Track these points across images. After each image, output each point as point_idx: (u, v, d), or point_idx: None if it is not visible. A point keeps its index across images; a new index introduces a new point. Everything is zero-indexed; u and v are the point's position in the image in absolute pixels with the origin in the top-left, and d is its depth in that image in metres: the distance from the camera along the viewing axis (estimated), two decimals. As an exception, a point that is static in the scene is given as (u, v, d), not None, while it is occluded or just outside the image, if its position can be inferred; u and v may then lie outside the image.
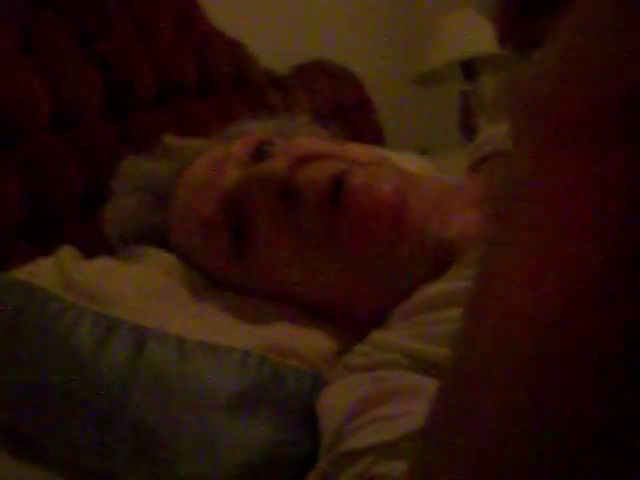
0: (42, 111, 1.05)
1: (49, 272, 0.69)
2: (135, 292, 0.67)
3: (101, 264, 0.72)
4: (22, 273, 0.69)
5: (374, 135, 1.77)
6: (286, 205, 0.63)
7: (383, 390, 0.53)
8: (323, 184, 0.62)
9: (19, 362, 0.63)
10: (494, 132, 0.70)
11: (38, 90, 1.04)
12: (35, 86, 1.04)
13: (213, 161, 0.70)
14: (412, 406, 0.49)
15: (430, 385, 0.51)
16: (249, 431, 0.58)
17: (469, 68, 2.13)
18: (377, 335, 0.62)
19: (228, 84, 1.45)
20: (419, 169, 0.86)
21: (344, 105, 1.73)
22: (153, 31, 1.32)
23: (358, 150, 0.70)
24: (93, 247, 0.81)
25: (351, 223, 0.62)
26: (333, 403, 0.56)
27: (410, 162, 0.94)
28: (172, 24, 1.38)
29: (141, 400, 0.59)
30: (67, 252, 0.73)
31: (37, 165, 1.02)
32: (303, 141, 0.71)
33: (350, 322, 0.67)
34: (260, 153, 0.68)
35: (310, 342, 0.64)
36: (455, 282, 0.59)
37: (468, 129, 2.08)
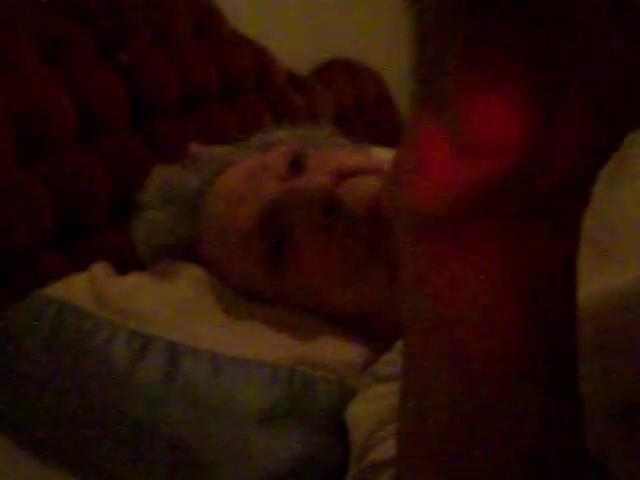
0: (69, 123, 1.07)
1: (83, 289, 0.70)
2: (167, 307, 0.69)
3: (133, 280, 0.74)
4: (56, 290, 0.71)
5: (395, 133, 1.77)
6: (329, 219, 0.65)
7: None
8: (366, 201, 0.65)
9: (55, 379, 0.65)
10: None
11: (64, 102, 1.06)
12: (61, 98, 1.06)
13: (249, 173, 0.72)
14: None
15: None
16: (280, 443, 0.59)
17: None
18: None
19: (250, 87, 1.46)
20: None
21: (365, 103, 1.73)
22: (174, 38, 1.33)
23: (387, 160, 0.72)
24: (124, 256, 0.83)
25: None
26: (361, 414, 0.57)
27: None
28: (192, 29, 1.40)
29: (176, 416, 0.60)
30: (100, 268, 0.75)
31: (65, 177, 1.03)
32: (336, 155, 0.73)
33: (380, 331, 0.69)
34: (295, 165, 0.70)
35: (338, 353, 0.65)
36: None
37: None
